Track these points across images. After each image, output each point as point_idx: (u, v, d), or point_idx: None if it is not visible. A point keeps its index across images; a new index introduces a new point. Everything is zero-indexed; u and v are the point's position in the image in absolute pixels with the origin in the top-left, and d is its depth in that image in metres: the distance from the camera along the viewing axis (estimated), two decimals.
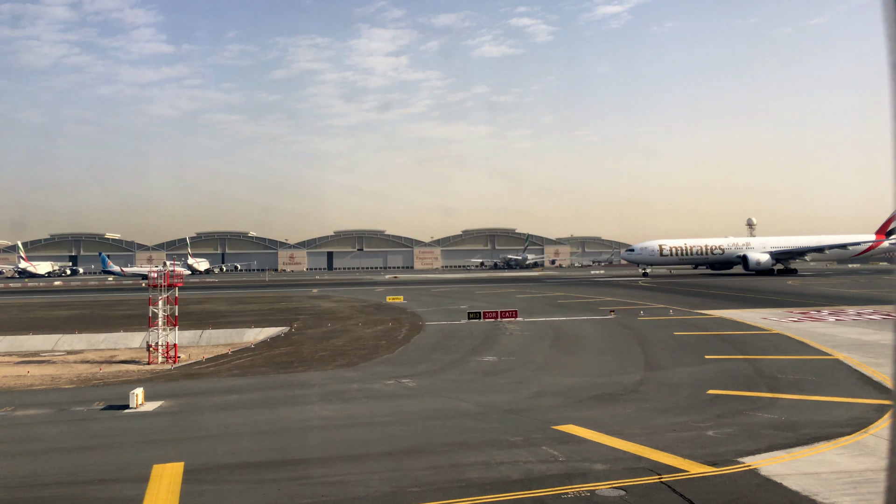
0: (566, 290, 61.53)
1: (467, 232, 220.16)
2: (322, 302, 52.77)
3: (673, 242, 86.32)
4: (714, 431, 13.75)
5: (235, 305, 50.56)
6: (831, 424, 14.10)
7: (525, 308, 43.27)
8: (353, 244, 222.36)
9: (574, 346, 26.78)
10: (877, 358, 22.06)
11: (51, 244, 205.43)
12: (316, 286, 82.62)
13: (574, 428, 14.05)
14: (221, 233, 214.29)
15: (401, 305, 47.80)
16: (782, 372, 20.33)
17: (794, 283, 66.58)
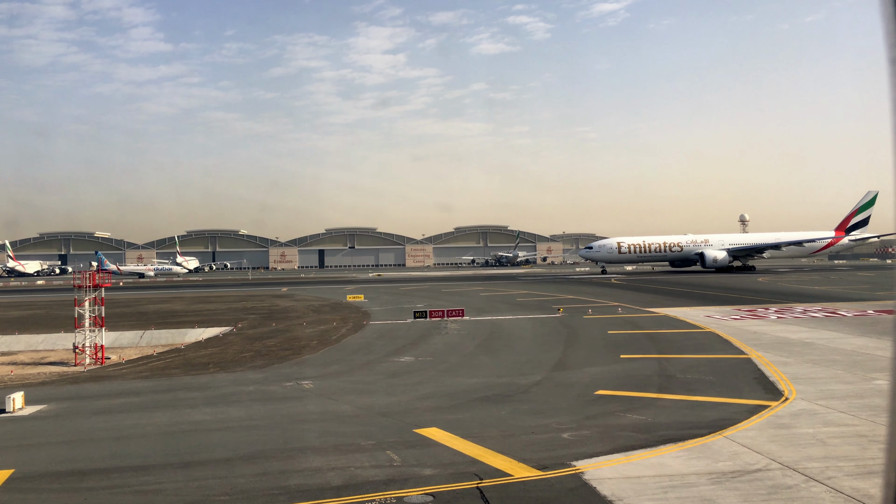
0: (534, 288, 61.45)
1: (459, 229, 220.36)
2: (282, 301, 52.68)
3: (631, 240, 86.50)
4: (570, 434, 13.65)
5: (194, 305, 50.45)
6: (693, 426, 14.00)
7: (479, 307, 43.22)
8: (345, 242, 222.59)
9: (499, 346, 26.68)
10: (788, 357, 22.00)
11: (40, 243, 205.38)
12: (290, 285, 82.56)
13: (434, 431, 13.95)
14: (212, 231, 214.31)
15: (358, 304, 47.73)
16: (685, 372, 20.24)
17: (763, 279, 66.50)
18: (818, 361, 21.11)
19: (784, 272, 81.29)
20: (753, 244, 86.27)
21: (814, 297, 44.86)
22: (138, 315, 43.42)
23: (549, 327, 32.00)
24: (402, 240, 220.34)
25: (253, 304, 49.58)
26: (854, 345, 24.06)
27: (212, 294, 64.47)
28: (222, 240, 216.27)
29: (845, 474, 10.86)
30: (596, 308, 40.39)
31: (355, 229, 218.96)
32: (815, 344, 24.60)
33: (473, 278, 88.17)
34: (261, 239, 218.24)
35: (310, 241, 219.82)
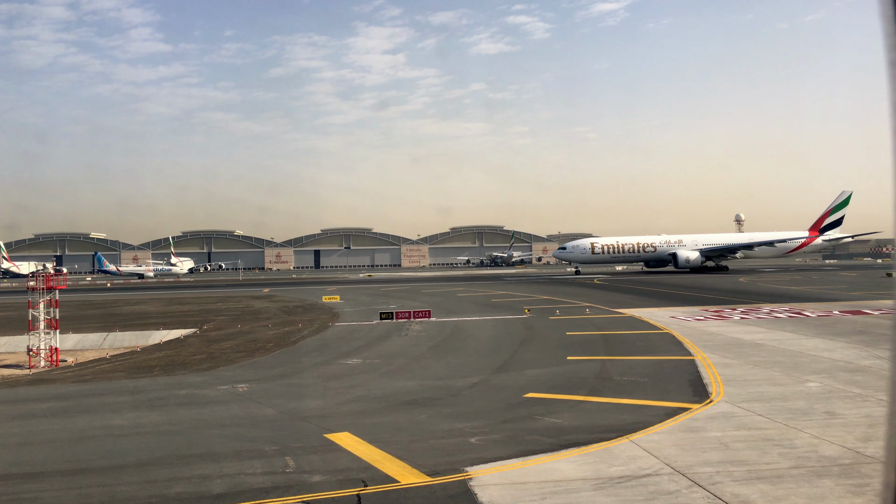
0: (515, 289, 61.37)
1: (455, 229, 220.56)
2: (258, 302, 52.63)
3: (605, 240, 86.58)
4: (478, 438, 13.56)
5: (169, 307, 50.41)
6: (606, 429, 13.91)
7: (451, 308, 43.19)
8: (341, 242, 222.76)
9: (452, 348, 26.60)
10: (733, 359, 21.89)
11: (35, 244, 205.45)
12: (276, 285, 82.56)
13: (344, 436, 13.86)
14: (207, 231, 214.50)
15: (332, 305, 47.68)
16: (625, 374, 20.15)
17: (744, 280, 66.38)
18: (760, 363, 21.01)
19: (769, 272, 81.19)
20: (726, 244, 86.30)
21: (785, 297, 44.75)
22: (110, 317, 43.39)
23: (509, 329, 31.92)
24: (398, 240, 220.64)
25: (228, 306, 49.53)
26: (804, 346, 23.96)
27: (191, 295, 64.42)
28: (218, 240, 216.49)
29: (732, 480, 10.77)
30: (566, 309, 40.33)
31: (351, 230, 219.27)
32: (765, 345, 24.50)
33: (461, 279, 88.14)
34: (256, 240, 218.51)
35: (305, 242, 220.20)
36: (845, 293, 47.35)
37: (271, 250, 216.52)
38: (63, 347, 32.30)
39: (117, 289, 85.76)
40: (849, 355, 21.76)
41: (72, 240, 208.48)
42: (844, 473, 10.92)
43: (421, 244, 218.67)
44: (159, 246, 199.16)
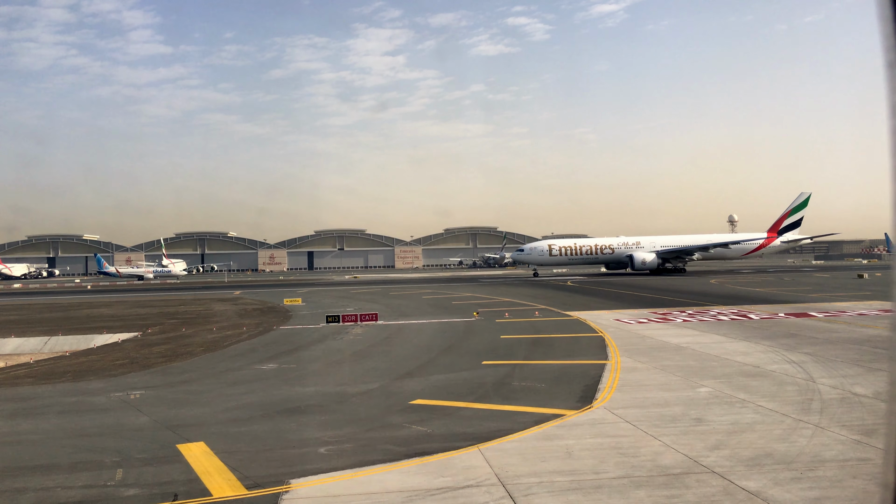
0: (484, 291, 61.20)
1: (449, 230, 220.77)
2: (220, 305, 52.50)
3: (562, 242, 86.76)
4: (328, 448, 13.33)
5: (130, 310, 50.31)
6: (465, 437, 13.69)
7: (406, 311, 43.07)
8: (334, 244, 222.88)
9: (376, 352, 26.40)
10: (646, 363, 21.64)
11: (28, 246, 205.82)
12: (255, 287, 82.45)
13: (196, 446, 13.64)
14: (200, 233, 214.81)
15: (289, 308, 47.56)
16: (527, 379, 19.92)
17: (715, 281, 66.12)
18: (668, 367, 20.78)
19: (747, 273, 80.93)
20: (682, 246, 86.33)
21: (742, 299, 44.50)
22: (65, 320, 43.28)
23: (447, 332, 31.71)
24: (392, 241, 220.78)
25: (188, 309, 49.39)
26: (724, 349, 23.74)
27: (159, 298, 64.29)
28: (211, 242, 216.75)
29: (548, 491, 10.55)
30: (518, 311, 40.12)
31: (344, 231, 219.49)
32: (687, 348, 24.28)
33: (442, 280, 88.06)
34: (249, 241, 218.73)
35: (299, 243, 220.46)
36: (805, 295, 47.07)
37: (265, 252, 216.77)
38: (2, 352, 32.25)
39: (97, 291, 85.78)
40: (761, 359, 21.53)
41: (65, 241, 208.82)
42: (666, 484, 10.70)
43: (414, 245, 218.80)
44: (152, 248, 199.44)
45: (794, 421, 14.08)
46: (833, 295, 46.34)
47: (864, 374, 18.72)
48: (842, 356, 21.57)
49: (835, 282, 61.80)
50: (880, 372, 18.87)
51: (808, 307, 37.69)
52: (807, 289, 53.49)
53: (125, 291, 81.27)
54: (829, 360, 20.88)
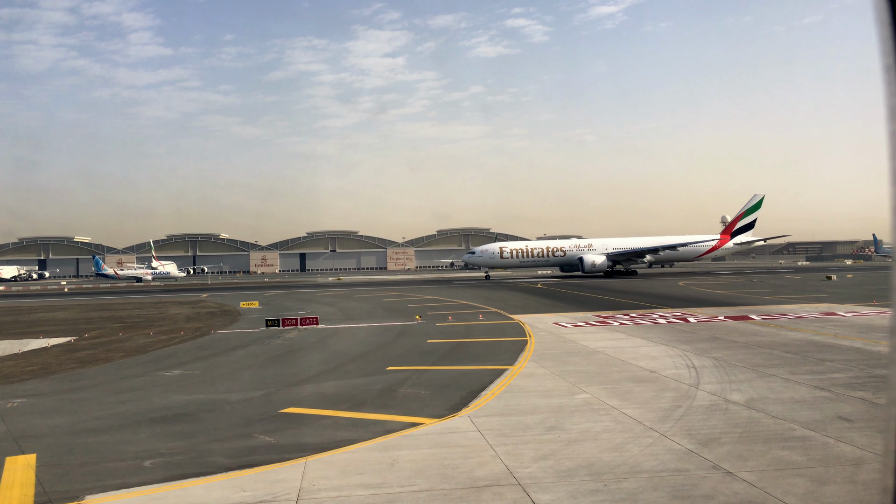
0: (449, 294, 60.95)
1: (442, 232, 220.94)
2: (176, 308, 52.27)
3: (514, 245, 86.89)
4: (154, 461, 13.01)
5: (85, 313, 50.08)
6: (309, 448, 13.37)
7: (356, 314, 42.87)
8: (327, 245, 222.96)
9: (291, 359, 26.10)
10: (551, 368, 21.29)
11: (19, 248, 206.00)
12: (226, 290, 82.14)
13: (24, 459, 13.31)
14: (192, 235, 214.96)
15: (242, 311, 47.35)
16: (417, 386, 19.59)
17: (683, 283, 65.78)
18: (566, 373, 20.48)
19: (723, 275, 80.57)
20: (632, 248, 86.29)
21: (694, 301, 44.23)
22: (14, 324, 43.05)
23: (377, 336, 31.44)
24: (384, 243, 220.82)
25: (142, 312, 49.15)
26: (636, 354, 23.43)
27: (120, 301, 64.03)
28: (203, 244, 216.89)
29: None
30: (464, 314, 39.84)
31: (337, 233, 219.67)
32: (601, 353, 23.98)
33: (418, 282, 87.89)
34: (241, 243, 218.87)
35: (291, 245, 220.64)
36: (761, 297, 46.74)
37: (256, 253, 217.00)
38: None
39: (73, 294, 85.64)
40: (664, 364, 21.24)
41: (56, 243, 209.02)
42: (461, 498, 10.40)
43: (407, 247, 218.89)
44: (143, 249, 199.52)
45: (645, 429, 13.79)
46: (789, 297, 46.01)
47: (753, 379, 18.42)
48: (747, 361, 21.28)
49: (800, 284, 61.43)
50: (772, 377, 18.60)
51: (754, 310, 37.37)
52: (768, 290, 53.15)
53: (99, 294, 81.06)
54: (730, 365, 20.59)
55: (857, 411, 14.64)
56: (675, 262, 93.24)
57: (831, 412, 14.57)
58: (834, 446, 12.14)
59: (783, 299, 44.30)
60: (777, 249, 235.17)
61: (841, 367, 19.76)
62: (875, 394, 16.15)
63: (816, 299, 43.57)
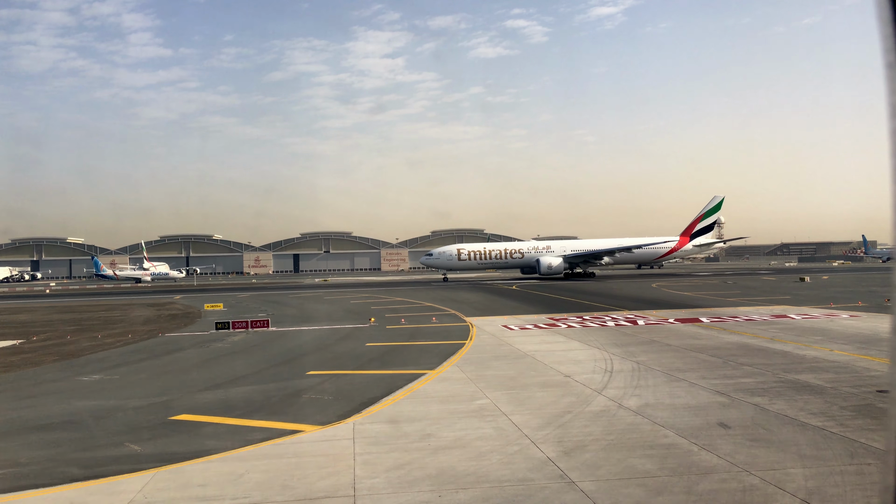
0: (418, 295, 60.62)
1: (436, 233, 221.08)
2: (141, 310, 52.02)
3: (472, 247, 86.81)
4: (4, 472, 12.69)
5: (47, 315, 49.84)
6: (161, 459, 13.06)
7: (311, 316, 42.60)
8: (320, 246, 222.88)
9: (223, 363, 25.81)
10: (474, 373, 20.96)
11: (12, 249, 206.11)
12: (202, 291, 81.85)
13: None
14: (185, 236, 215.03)
15: (205, 312, 47.16)
16: (328, 392, 19.26)
17: (657, 285, 65.45)
18: (482, 377, 20.14)
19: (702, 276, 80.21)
20: (588, 251, 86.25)
21: (655, 303, 43.96)
22: None
23: (321, 340, 31.14)
24: (378, 243, 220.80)
25: (102, 315, 48.88)
26: (564, 358, 23.10)
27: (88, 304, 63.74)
28: (196, 244, 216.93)
29: None
30: (420, 317, 39.55)
31: (330, 233, 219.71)
32: (529, 357, 23.65)
33: (398, 284, 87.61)
34: (234, 243, 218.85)
35: (285, 246, 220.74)
36: (724, 299, 46.43)
37: (250, 254, 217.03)
38: None
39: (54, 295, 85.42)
40: (583, 369, 20.92)
41: (49, 245, 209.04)
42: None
43: (400, 248, 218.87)
44: (136, 251, 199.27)
45: (519, 437, 13.49)
46: (753, 299, 45.70)
47: (661, 384, 18.12)
48: (667, 365, 20.98)
49: (773, 285, 61.10)
50: (681, 382, 18.30)
51: (709, 312, 37.06)
52: (737, 292, 52.82)
53: (78, 296, 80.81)
54: (648, 370, 20.28)
55: (742, 417, 14.34)
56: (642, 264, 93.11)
57: (715, 418, 14.27)
58: (695, 454, 11.84)
59: (745, 301, 43.98)
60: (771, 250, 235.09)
61: (756, 371, 19.46)
62: (772, 399, 15.86)
63: (779, 301, 43.25)
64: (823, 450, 11.83)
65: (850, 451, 11.70)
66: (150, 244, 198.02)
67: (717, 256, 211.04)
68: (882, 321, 30.43)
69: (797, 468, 10.94)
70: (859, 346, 23.45)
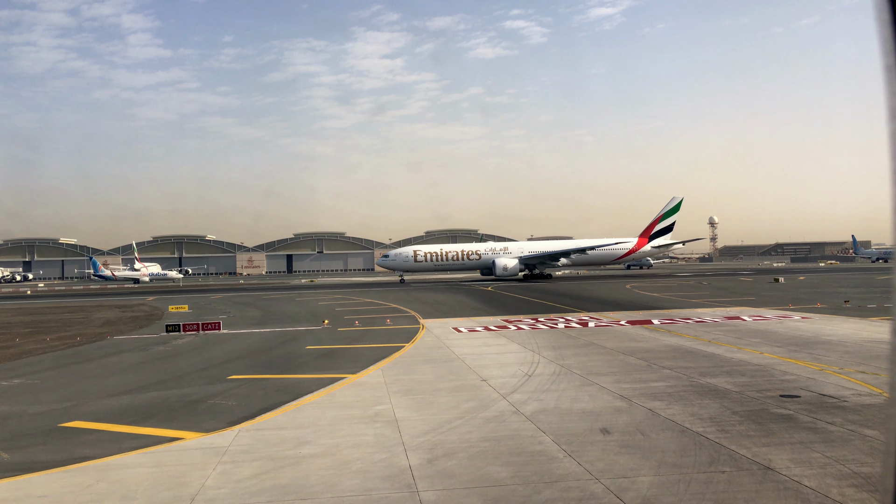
0: (387, 297, 60.30)
1: (430, 233, 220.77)
2: (103, 312, 51.71)
3: (428, 248, 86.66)
4: None
5: (10, 318, 49.55)
6: (22, 468, 12.76)
7: (275, 317, 42.30)
8: (313, 247, 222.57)
9: (156, 367, 25.43)
10: (397, 377, 20.62)
11: (4, 250, 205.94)
12: (185, 293, 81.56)
13: None
14: (178, 236, 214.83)
15: (168, 314, 46.83)
16: (239, 397, 18.91)
17: (630, 286, 65.11)
18: (399, 381, 19.81)
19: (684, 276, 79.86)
20: (545, 252, 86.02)
21: (617, 305, 43.64)
22: None
23: (265, 343, 30.84)
24: (371, 244, 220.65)
25: (63, 317, 48.56)
26: (496, 361, 22.73)
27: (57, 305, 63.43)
28: (189, 245, 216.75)
29: None
30: (377, 319, 39.23)
31: (324, 234, 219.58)
32: (459, 360, 23.30)
33: (375, 285, 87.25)
34: (227, 244, 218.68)
35: (278, 246, 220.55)
36: (688, 300, 46.10)
37: (243, 255, 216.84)
38: None
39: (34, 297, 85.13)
40: (507, 372, 20.55)
41: (41, 245, 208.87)
42: None
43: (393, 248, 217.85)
44: (129, 251, 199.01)
45: (396, 443, 13.18)
46: (717, 300, 45.40)
47: (571, 388, 17.79)
48: (590, 368, 20.66)
49: (746, 286, 60.77)
50: (592, 386, 17.96)
51: (665, 313, 36.76)
52: (706, 294, 52.49)
53: (55, 297, 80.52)
54: (568, 373, 19.96)
55: (628, 423, 14.01)
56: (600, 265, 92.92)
57: (602, 424, 13.95)
58: (557, 462, 11.52)
59: (710, 302, 43.65)
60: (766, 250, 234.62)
61: (674, 375, 19.13)
62: (670, 404, 15.55)
63: (742, 302, 42.92)
64: (687, 457, 11.51)
65: (713, 458, 11.39)
66: (144, 245, 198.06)
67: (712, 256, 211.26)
68: (831, 323, 30.10)
69: (648, 476, 10.63)
70: (792, 348, 23.13)
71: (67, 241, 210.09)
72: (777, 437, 12.55)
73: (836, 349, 22.49)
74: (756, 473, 10.57)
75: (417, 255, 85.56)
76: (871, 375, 17.94)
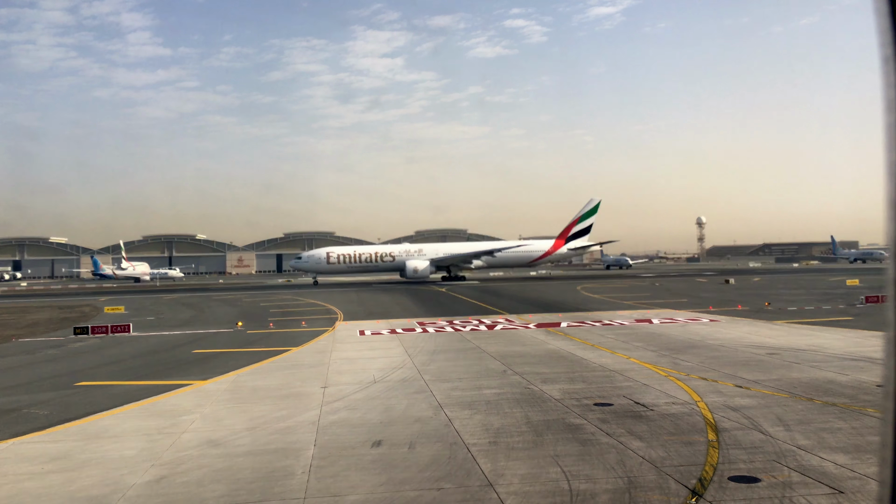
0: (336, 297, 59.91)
1: (419, 233, 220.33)
2: (40, 313, 51.24)
3: (341, 250, 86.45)
4: None
5: None
6: None
7: (205, 319, 41.89)
8: (303, 246, 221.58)
9: (28, 371, 24.83)
10: (246, 382, 20.13)
11: None
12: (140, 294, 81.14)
13: None
14: (168, 235, 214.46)
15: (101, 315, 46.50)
16: (65, 406, 18.29)
17: (584, 287, 64.67)
18: (242, 388, 19.30)
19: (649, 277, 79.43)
20: (458, 254, 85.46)
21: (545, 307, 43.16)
22: None
23: (159, 346, 30.35)
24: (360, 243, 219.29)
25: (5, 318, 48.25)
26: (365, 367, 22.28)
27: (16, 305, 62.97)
28: (179, 244, 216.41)
29: None
30: (294, 322, 38.62)
31: (313, 233, 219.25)
32: (324, 366, 22.83)
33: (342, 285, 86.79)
34: (217, 244, 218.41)
35: (268, 246, 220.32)
36: (621, 302, 45.64)
37: (233, 254, 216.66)
38: None
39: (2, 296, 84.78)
40: (357, 378, 19.93)
41: (31, 244, 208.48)
42: None
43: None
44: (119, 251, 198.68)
45: (155, 457, 12.58)
46: (650, 302, 44.91)
47: (403, 397, 17.16)
48: (445, 374, 20.14)
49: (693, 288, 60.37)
50: (424, 394, 17.42)
51: (582, 316, 36.26)
52: (647, 295, 51.98)
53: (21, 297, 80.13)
54: (415, 381, 19.36)
55: (411, 434, 13.41)
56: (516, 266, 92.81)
57: (384, 436, 13.40)
58: (289, 478, 10.96)
59: (639, 304, 43.15)
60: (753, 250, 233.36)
61: (516, 382, 18.56)
62: (474, 413, 15.01)
63: (673, 305, 42.37)
64: (426, 472, 10.95)
65: (449, 473, 10.80)
66: (134, 244, 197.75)
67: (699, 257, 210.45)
68: (730, 326, 29.68)
69: (360, 495, 10.12)
70: (664, 353, 22.58)
71: (58, 240, 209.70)
72: (539, 450, 12.03)
73: (704, 354, 21.99)
74: (473, 491, 10.04)
75: (330, 257, 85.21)
76: (710, 382, 17.44)
